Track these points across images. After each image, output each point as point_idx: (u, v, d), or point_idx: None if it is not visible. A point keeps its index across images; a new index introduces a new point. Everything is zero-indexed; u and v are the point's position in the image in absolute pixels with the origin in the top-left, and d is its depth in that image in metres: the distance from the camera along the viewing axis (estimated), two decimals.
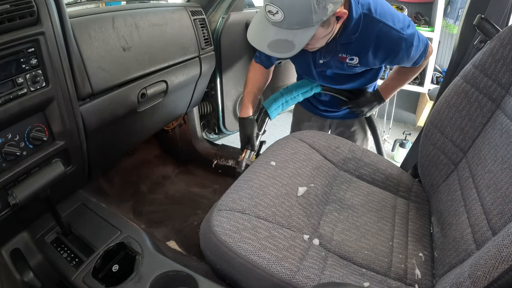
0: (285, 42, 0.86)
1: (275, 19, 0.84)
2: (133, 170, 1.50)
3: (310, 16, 0.82)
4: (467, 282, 0.53)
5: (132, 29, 0.97)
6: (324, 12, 0.83)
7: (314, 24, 0.84)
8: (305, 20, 0.83)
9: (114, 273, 0.81)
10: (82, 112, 0.85)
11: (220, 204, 0.80)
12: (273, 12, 0.83)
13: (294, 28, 0.85)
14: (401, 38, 0.99)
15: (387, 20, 0.98)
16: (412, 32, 1.02)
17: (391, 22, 0.98)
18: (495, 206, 0.66)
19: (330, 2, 0.83)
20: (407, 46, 1.02)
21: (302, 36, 0.86)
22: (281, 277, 0.67)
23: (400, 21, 1.00)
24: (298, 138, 1.07)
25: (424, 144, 0.99)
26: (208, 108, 1.60)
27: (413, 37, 1.02)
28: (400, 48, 1.01)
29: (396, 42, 1.00)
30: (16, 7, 0.62)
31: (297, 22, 0.83)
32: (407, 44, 1.01)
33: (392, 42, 1.00)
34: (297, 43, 0.86)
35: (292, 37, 0.86)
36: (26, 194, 0.70)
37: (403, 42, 1.00)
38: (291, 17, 0.82)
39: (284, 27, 0.85)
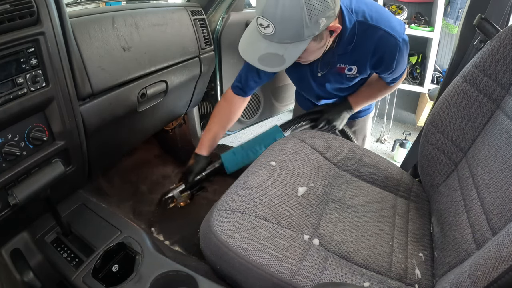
0: (275, 56, 0.85)
1: (266, 32, 0.82)
2: (133, 170, 1.50)
3: (302, 30, 0.81)
4: (467, 282, 0.53)
5: (132, 29, 0.97)
6: (316, 26, 0.82)
7: (306, 38, 0.83)
8: (297, 35, 0.82)
9: (114, 273, 0.81)
10: (82, 112, 0.85)
11: (220, 204, 0.80)
12: (264, 26, 0.81)
13: (285, 42, 0.83)
14: (397, 44, 0.99)
15: (384, 26, 0.97)
16: (406, 39, 1.02)
17: (388, 27, 0.98)
18: (495, 206, 0.66)
19: (323, 17, 0.81)
20: (401, 52, 1.02)
21: (293, 50, 0.84)
22: (281, 277, 0.67)
23: (396, 26, 1.00)
24: (298, 138, 1.07)
25: (424, 144, 0.99)
26: (208, 108, 1.60)
27: (407, 44, 1.02)
28: (395, 54, 1.01)
29: (393, 47, 0.99)
30: (16, 7, 0.62)
31: (288, 36, 0.82)
32: (401, 50, 1.01)
33: (389, 48, 1.00)
34: (288, 58, 0.85)
35: (283, 51, 0.84)
36: (26, 194, 0.70)
37: (399, 48, 1.00)
38: (282, 31, 0.81)
39: (275, 40, 0.83)
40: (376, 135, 2.84)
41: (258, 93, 1.70)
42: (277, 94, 1.79)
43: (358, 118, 1.39)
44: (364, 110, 1.36)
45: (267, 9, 0.79)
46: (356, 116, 1.37)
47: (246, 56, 0.90)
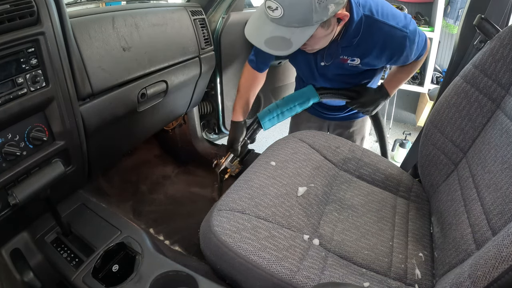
0: (282, 40, 0.85)
1: (274, 15, 0.82)
2: (133, 170, 1.50)
3: (310, 15, 0.81)
4: (467, 282, 0.53)
5: (132, 29, 0.97)
6: (325, 12, 0.82)
7: (314, 23, 0.83)
8: (305, 19, 0.82)
9: (114, 273, 0.81)
10: (82, 112, 0.85)
11: (220, 204, 0.80)
12: (273, 8, 0.81)
13: (293, 26, 0.83)
14: (405, 37, 0.99)
15: (389, 20, 0.97)
16: (414, 29, 1.02)
17: (394, 22, 0.98)
18: (495, 206, 0.66)
19: (332, 3, 0.82)
20: (411, 43, 1.01)
21: (300, 35, 0.84)
22: (281, 277, 0.67)
23: (401, 19, 1.00)
24: (298, 138, 1.07)
25: (424, 144, 0.99)
26: (208, 108, 1.60)
27: (415, 34, 1.02)
28: (405, 47, 1.01)
29: (401, 41, 1.00)
30: (16, 7, 0.62)
31: (297, 20, 0.82)
32: (411, 41, 1.01)
33: (397, 42, 1.00)
34: (295, 42, 0.85)
35: (290, 35, 0.84)
36: (26, 194, 0.70)
37: (407, 40, 1.00)
38: (290, 15, 0.81)
39: (283, 24, 0.83)
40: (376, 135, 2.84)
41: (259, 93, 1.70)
42: (277, 94, 1.79)
43: (357, 119, 1.38)
44: None
45: None
46: (355, 116, 1.37)
47: (253, 39, 0.89)
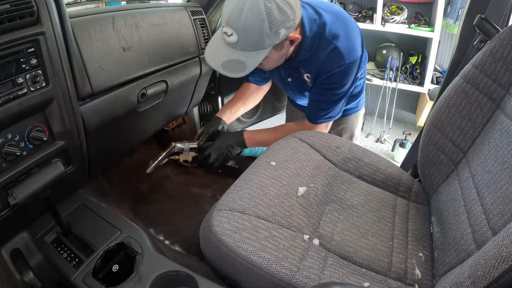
0: (238, 63, 0.91)
1: (230, 40, 0.88)
2: (133, 170, 1.50)
3: (263, 39, 0.86)
4: (467, 282, 0.53)
5: (132, 29, 0.97)
6: (276, 36, 0.87)
7: (266, 47, 0.89)
8: (258, 43, 0.87)
9: (114, 273, 0.82)
10: (82, 112, 0.85)
11: (220, 204, 0.80)
12: (229, 34, 0.87)
13: (247, 50, 0.89)
14: (342, 65, 1.00)
15: (338, 41, 0.98)
16: (354, 62, 1.01)
17: (342, 45, 0.98)
18: (495, 206, 0.66)
19: (283, 27, 0.87)
20: (342, 74, 1.01)
21: (254, 57, 0.90)
22: (281, 277, 0.67)
23: (351, 46, 1.00)
24: (298, 138, 1.07)
25: (424, 144, 0.99)
26: (208, 108, 1.60)
27: (352, 67, 1.01)
28: (334, 70, 1.01)
29: (336, 64, 1.00)
30: (16, 7, 0.62)
31: (250, 45, 0.88)
32: (344, 71, 1.01)
33: (333, 63, 1.00)
34: (249, 65, 0.91)
35: (245, 58, 0.90)
36: (26, 194, 0.70)
37: (342, 68, 1.00)
38: (244, 40, 0.87)
39: (238, 48, 0.89)
40: (376, 135, 2.84)
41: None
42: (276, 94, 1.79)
43: (344, 116, 1.39)
44: (351, 108, 1.36)
45: (231, 19, 0.85)
46: (344, 114, 1.37)
47: (211, 61, 0.96)
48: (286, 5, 0.85)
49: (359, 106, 1.39)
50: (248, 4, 0.83)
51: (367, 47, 2.96)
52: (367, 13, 2.72)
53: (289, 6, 0.86)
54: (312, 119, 1.16)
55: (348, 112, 1.37)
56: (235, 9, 0.84)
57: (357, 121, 1.44)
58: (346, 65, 1.00)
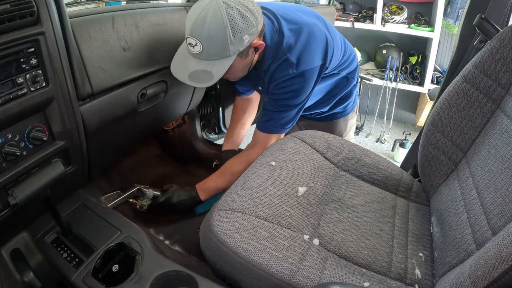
0: (204, 73, 0.91)
1: (194, 50, 0.89)
2: (133, 170, 1.50)
3: (227, 47, 0.87)
4: (467, 282, 0.53)
5: (132, 29, 0.97)
6: (240, 43, 0.89)
7: (231, 54, 0.89)
8: (223, 51, 0.88)
9: (114, 273, 0.81)
10: (82, 112, 0.85)
11: (220, 204, 0.80)
12: (193, 44, 0.88)
13: (213, 59, 0.89)
14: (289, 74, 0.99)
15: (290, 53, 0.98)
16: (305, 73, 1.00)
17: (294, 56, 0.98)
18: (495, 206, 0.66)
19: (246, 34, 0.88)
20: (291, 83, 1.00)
21: (220, 66, 0.90)
22: (281, 277, 0.67)
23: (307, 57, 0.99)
24: (298, 138, 1.07)
25: (424, 144, 0.99)
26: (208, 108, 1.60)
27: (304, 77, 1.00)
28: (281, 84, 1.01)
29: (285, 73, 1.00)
30: (16, 7, 0.62)
31: (215, 53, 0.89)
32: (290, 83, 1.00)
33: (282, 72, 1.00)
34: (215, 73, 0.91)
35: (211, 67, 0.90)
36: (26, 194, 0.69)
37: (290, 77, 0.99)
38: (209, 49, 0.87)
39: (203, 58, 0.90)
40: (376, 135, 2.85)
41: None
42: None
43: (331, 120, 1.38)
44: (338, 112, 1.35)
45: (195, 29, 0.86)
46: (333, 117, 1.36)
47: (177, 74, 0.96)
48: (247, 11, 0.87)
49: (347, 110, 1.36)
50: (210, 13, 0.84)
51: (367, 47, 2.96)
52: (367, 13, 2.72)
53: (251, 12, 0.88)
54: (263, 127, 1.14)
55: (335, 116, 1.36)
56: (198, 19, 0.85)
57: (346, 126, 1.41)
58: (295, 75, 0.99)
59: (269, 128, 1.12)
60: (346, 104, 1.32)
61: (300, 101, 1.06)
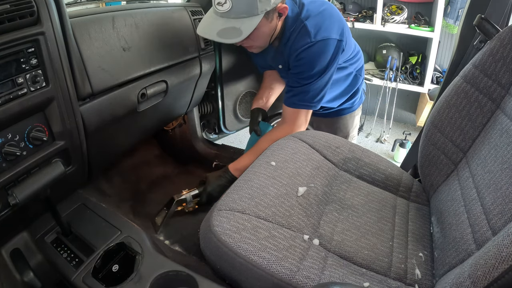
0: (233, 29, 0.93)
1: (223, 9, 0.92)
2: (133, 170, 1.50)
3: (255, 4, 0.91)
4: (467, 282, 0.53)
5: (132, 29, 0.97)
6: (267, 2, 0.92)
7: (259, 13, 0.92)
8: (251, 8, 0.91)
9: (114, 273, 0.81)
10: (82, 112, 0.85)
11: (220, 204, 0.80)
12: (222, 3, 0.91)
13: (241, 17, 0.92)
14: (307, 43, 1.00)
15: (307, 20, 1.01)
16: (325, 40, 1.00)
17: (312, 25, 1.00)
18: (495, 206, 0.66)
19: None
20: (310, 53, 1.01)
21: (248, 23, 0.93)
22: (281, 277, 0.67)
23: (323, 27, 1.00)
24: (298, 138, 1.07)
25: (424, 144, 0.99)
26: (208, 108, 1.60)
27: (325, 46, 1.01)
28: (303, 51, 1.02)
29: (304, 43, 1.01)
30: (16, 7, 0.62)
31: (244, 11, 0.92)
32: (312, 51, 1.01)
33: (301, 43, 1.02)
34: (244, 30, 0.93)
35: (240, 24, 0.93)
36: (26, 194, 0.70)
37: (308, 46, 1.01)
38: (238, 6, 0.91)
39: (232, 16, 0.93)
40: (376, 135, 2.84)
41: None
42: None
43: (339, 116, 1.39)
44: (346, 108, 1.37)
45: None
46: (339, 113, 1.38)
47: (205, 32, 0.98)
48: None
49: (354, 106, 1.39)
50: None
51: (367, 47, 2.96)
52: (367, 13, 2.72)
53: None
54: (289, 103, 1.14)
55: (342, 112, 1.38)
56: None
57: (352, 122, 1.43)
58: (313, 44, 1.00)
59: (295, 103, 1.13)
60: (354, 100, 1.35)
61: (321, 71, 1.05)
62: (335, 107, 1.35)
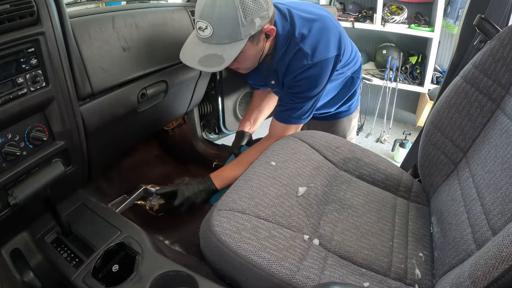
0: (215, 57, 0.89)
1: (204, 34, 0.87)
2: (133, 170, 1.50)
3: (238, 29, 0.85)
4: (467, 282, 0.53)
5: (132, 29, 0.97)
6: (252, 26, 0.87)
7: (243, 38, 0.87)
8: (234, 34, 0.86)
9: (114, 273, 0.81)
10: (82, 112, 0.85)
11: (220, 204, 0.80)
12: (203, 28, 0.86)
13: (224, 43, 0.87)
14: (304, 66, 0.98)
15: (303, 42, 0.97)
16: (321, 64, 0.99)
17: (307, 45, 0.97)
18: (495, 206, 0.66)
19: (257, 17, 0.86)
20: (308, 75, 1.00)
21: (231, 50, 0.88)
22: (281, 277, 0.67)
23: (320, 47, 0.98)
24: (298, 138, 1.07)
25: (424, 144, 0.99)
26: (208, 108, 1.60)
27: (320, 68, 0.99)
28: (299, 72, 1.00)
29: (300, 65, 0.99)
30: (16, 7, 0.62)
31: (226, 36, 0.86)
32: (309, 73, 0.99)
33: (297, 65, 0.99)
34: (227, 57, 0.88)
35: (222, 51, 0.88)
36: (26, 194, 0.69)
37: (305, 69, 0.99)
38: (220, 31, 0.85)
39: (213, 42, 0.87)
40: (376, 135, 2.85)
41: None
42: None
43: (335, 119, 1.38)
44: (343, 111, 1.35)
45: (205, 11, 0.84)
46: (336, 116, 1.37)
47: (187, 60, 0.93)
48: None
49: (351, 109, 1.37)
50: None
51: (367, 47, 2.96)
52: (367, 13, 2.72)
53: None
54: (280, 117, 1.13)
55: (339, 115, 1.36)
56: (207, 2, 0.84)
57: (349, 125, 1.42)
58: (312, 66, 0.98)
59: (286, 119, 1.12)
60: (350, 103, 1.34)
61: (317, 92, 1.05)
62: (331, 110, 1.34)
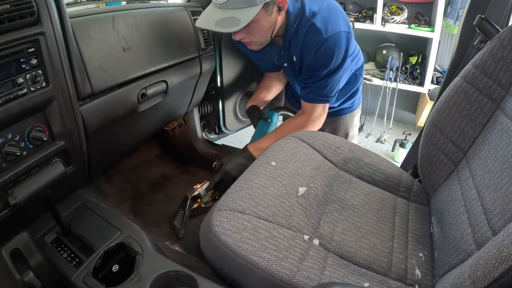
0: (231, 20, 0.92)
1: (221, 0, 0.91)
2: (133, 170, 1.50)
3: None
4: (467, 282, 0.53)
5: (132, 29, 0.97)
6: None
7: (258, 3, 0.92)
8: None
9: (114, 273, 0.81)
10: (82, 112, 0.85)
11: (220, 204, 0.80)
12: None
13: (240, 7, 0.91)
14: (320, 41, 1.01)
15: (314, 18, 1.00)
16: (336, 37, 1.01)
17: (320, 21, 1.00)
18: (495, 206, 0.66)
19: None
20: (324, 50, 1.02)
21: (246, 13, 0.92)
22: (281, 277, 0.67)
23: (331, 22, 1.01)
24: (298, 138, 1.07)
25: (424, 144, 0.99)
26: (208, 108, 1.60)
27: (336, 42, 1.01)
28: (316, 50, 1.02)
29: (316, 42, 1.02)
30: (16, 7, 0.62)
31: (242, 1, 0.91)
32: (325, 48, 1.01)
33: (313, 42, 1.02)
34: (243, 19, 0.92)
35: (238, 14, 0.92)
36: (26, 194, 0.70)
37: (321, 44, 1.01)
38: None
39: (230, 7, 0.92)
40: (376, 135, 2.84)
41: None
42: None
43: (338, 116, 1.40)
44: (346, 108, 1.37)
45: None
46: (339, 113, 1.39)
47: (203, 23, 0.97)
48: None
49: (354, 106, 1.39)
50: None
51: (367, 47, 2.96)
52: (367, 13, 2.72)
53: None
54: (306, 98, 1.16)
55: (342, 112, 1.38)
56: None
57: (352, 121, 1.44)
58: (327, 40, 1.01)
59: (313, 99, 1.15)
60: (353, 100, 1.36)
61: (336, 66, 1.06)
62: (335, 106, 1.35)
